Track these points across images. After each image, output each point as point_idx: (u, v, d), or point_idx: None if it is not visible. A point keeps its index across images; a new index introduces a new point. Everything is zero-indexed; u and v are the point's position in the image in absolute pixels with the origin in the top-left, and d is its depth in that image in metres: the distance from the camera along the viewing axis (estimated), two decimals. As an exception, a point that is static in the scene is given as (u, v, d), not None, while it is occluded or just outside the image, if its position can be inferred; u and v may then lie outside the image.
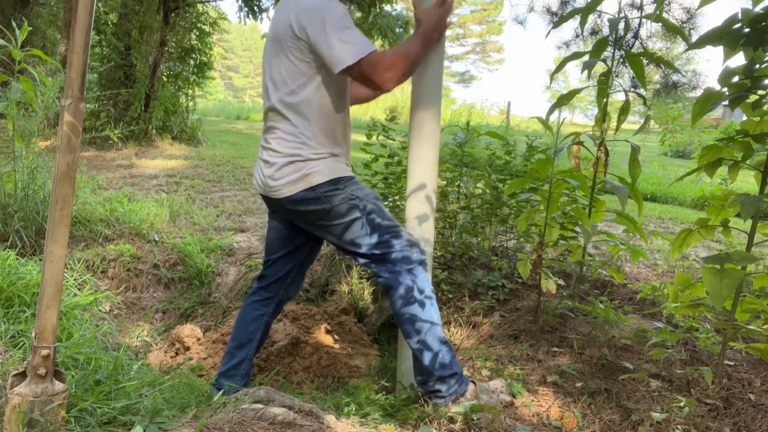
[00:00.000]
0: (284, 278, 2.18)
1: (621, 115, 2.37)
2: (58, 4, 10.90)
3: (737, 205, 1.71)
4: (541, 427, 1.69)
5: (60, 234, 1.35)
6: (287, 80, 1.88)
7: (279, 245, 2.17)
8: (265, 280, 2.19)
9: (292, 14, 1.83)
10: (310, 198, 1.89)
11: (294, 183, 1.89)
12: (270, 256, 2.19)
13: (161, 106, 8.03)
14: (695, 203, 7.02)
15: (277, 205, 2.02)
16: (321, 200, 1.89)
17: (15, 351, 1.75)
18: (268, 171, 1.95)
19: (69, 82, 1.32)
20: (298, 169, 1.88)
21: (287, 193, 1.91)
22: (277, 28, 1.89)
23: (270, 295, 2.19)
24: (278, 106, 1.91)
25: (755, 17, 1.59)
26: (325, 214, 1.91)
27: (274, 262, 2.18)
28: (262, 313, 2.17)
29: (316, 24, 1.77)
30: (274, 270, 2.18)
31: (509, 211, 3.03)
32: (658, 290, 2.53)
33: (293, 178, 1.89)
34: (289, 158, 1.89)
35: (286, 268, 2.18)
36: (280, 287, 2.19)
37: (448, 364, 1.85)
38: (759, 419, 1.69)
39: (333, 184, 1.90)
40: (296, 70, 1.86)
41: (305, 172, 1.88)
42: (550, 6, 5.00)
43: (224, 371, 2.15)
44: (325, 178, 1.89)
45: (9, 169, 3.10)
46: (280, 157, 1.91)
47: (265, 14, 9.02)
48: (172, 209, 4.11)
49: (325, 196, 1.89)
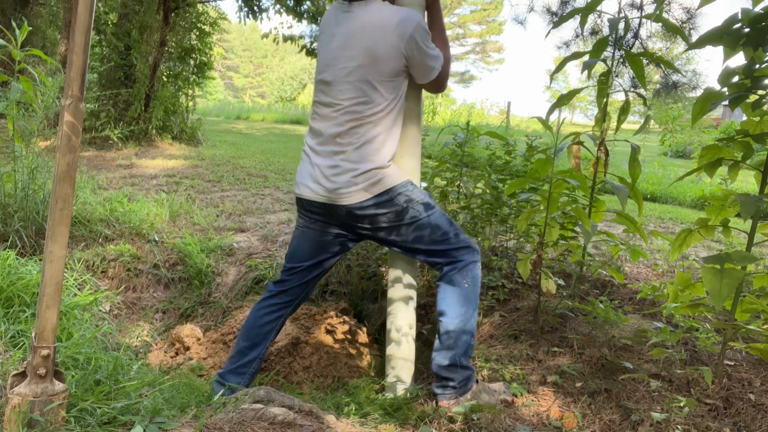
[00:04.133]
0: (307, 284, 2.22)
1: (621, 115, 2.37)
2: (58, 4, 10.89)
3: (737, 205, 1.71)
4: (541, 427, 1.69)
5: (60, 234, 1.35)
6: (375, 97, 1.95)
7: (311, 254, 2.17)
8: (285, 285, 2.20)
9: (391, 33, 1.90)
10: (384, 201, 1.98)
11: (368, 189, 1.96)
12: (297, 264, 2.19)
13: (161, 106, 8.03)
14: (695, 203, 7.02)
15: (340, 212, 2.03)
16: (394, 202, 1.99)
17: (15, 351, 1.75)
18: (341, 178, 1.97)
19: (69, 82, 1.32)
20: (373, 176, 1.96)
21: (360, 199, 1.97)
22: (367, 46, 1.92)
23: (290, 298, 2.22)
24: (357, 121, 1.96)
25: (755, 17, 1.59)
26: (395, 216, 2.00)
27: (300, 270, 2.18)
28: (280, 315, 2.21)
29: (418, 40, 1.92)
30: (298, 277, 2.19)
31: (509, 211, 3.03)
32: (658, 290, 2.53)
33: (367, 184, 1.96)
34: (367, 167, 1.95)
35: (313, 274, 2.20)
36: (301, 291, 2.22)
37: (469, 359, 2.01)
38: (759, 419, 1.69)
39: (403, 187, 2.00)
40: (388, 88, 1.96)
41: (379, 177, 1.97)
42: (550, 6, 5.00)
43: (233, 368, 2.16)
44: (397, 181, 2.00)
45: (9, 169, 3.10)
46: (358, 166, 1.96)
47: (265, 14, 9.03)
48: (172, 209, 4.11)
49: (397, 198, 1.99)
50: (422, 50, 1.94)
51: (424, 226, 2.02)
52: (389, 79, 1.94)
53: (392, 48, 1.90)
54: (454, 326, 1.98)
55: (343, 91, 1.97)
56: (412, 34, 1.90)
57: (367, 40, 1.92)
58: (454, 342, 1.97)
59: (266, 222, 4.19)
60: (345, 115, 1.97)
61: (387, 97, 1.96)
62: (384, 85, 1.94)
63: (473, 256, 2.05)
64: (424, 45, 1.94)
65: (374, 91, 1.94)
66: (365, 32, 1.93)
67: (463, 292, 2.01)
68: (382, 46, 1.90)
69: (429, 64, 1.98)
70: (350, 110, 1.96)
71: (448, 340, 1.97)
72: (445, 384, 1.95)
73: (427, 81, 2.03)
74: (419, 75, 2.00)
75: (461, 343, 1.97)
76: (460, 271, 2.02)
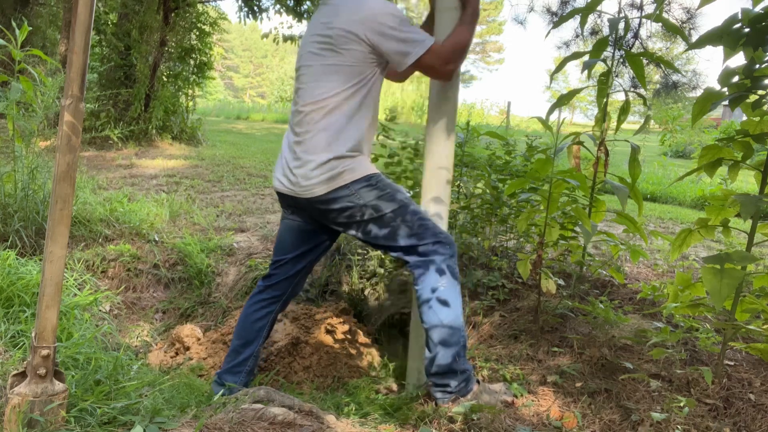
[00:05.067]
0: (294, 276, 2.20)
1: (621, 115, 2.37)
2: (58, 4, 10.89)
3: (737, 205, 1.71)
4: (541, 427, 1.69)
5: (60, 234, 1.35)
6: (335, 82, 1.91)
7: (295, 245, 2.17)
8: (273, 279, 2.20)
9: (351, 19, 1.87)
10: (344, 196, 1.92)
11: (328, 182, 1.91)
12: (282, 256, 2.19)
13: (161, 106, 8.03)
14: (695, 203, 7.02)
15: (305, 205, 2.02)
16: (356, 196, 1.92)
17: (15, 351, 1.75)
18: (300, 171, 1.95)
19: (69, 82, 1.32)
20: (332, 168, 1.90)
21: (320, 192, 1.93)
22: (329, 32, 1.91)
23: (278, 293, 2.20)
24: (319, 106, 1.93)
25: (755, 17, 1.59)
26: (359, 210, 1.94)
27: (285, 262, 2.18)
28: (270, 310, 2.20)
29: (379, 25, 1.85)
30: (284, 270, 2.18)
31: (509, 211, 3.03)
32: (658, 290, 2.53)
33: (326, 177, 1.91)
34: (326, 156, 1.91)
35: (298, 267, 2.19)
36: (288, 285, 2.21)
37: (465, 358, 1.92)
38: (759, 419, 1.69)
39: (366, 181, 1.94)
40: (349, 73, 1.91)
41: (339, 170, 1.91)
42: (550, 6, 4.99)
43: (229, 368, 2.16)
44: (360, 175, 1.93)
45: (9, 169, 3.10)
46: (317, 156, 1.92)
47: (265, 14, 9.03)
48: (172, 209, 4.11)
49: (360, 192, 1.93)
50: (388, 35, 1.86)
51: (388, 222, 1.94)
52: (348, 65, 1.89)
53: (350, 33, 1.86)
54: (438, 331, 1.89)
55: (304, 76, 1.98)
56: (372, 19, 1.85)
57: (328, 26, 1.92)
58: (441, 347, 1.88)
59: (266, 222, 4.19)
60: (304, 104, 1.97)
61: (344, 83, 1.90)
62: (342, 70, 1.90)
63: (446, 253, 1.94)
64: (392, 30, 1.86)
65: (330, 76, 1.91)
66: (330, 18, 1.93)
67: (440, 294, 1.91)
68: (339, 32, 1.88)
69: (400, 49, 1.88)
70: (307, 96, 1.96)
71: (435, 347, 1.89)
72: (444, 389, 1.89)
73: (405, 66, 1.91)
74: (394, 61, 1.92)
75: (450, 345, 1.88)
76: (428, 272, 1.93)
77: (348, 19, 1.87)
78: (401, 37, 1.88)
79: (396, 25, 1.87)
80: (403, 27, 1.88)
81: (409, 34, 1.89)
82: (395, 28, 1.87)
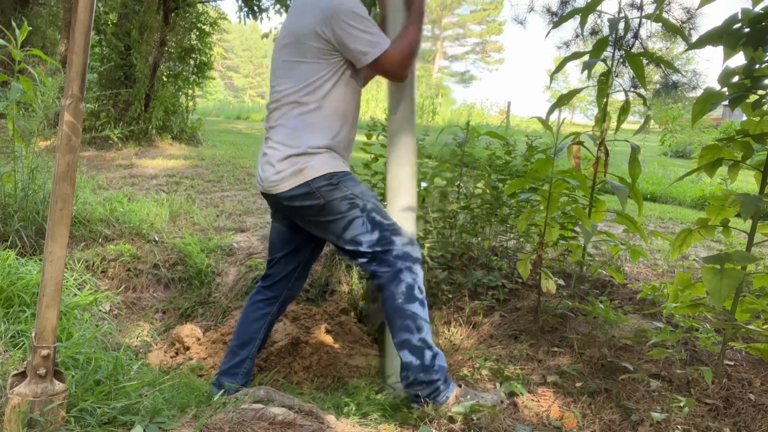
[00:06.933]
0: (288, 277, 2.19)
1: (621, 115, 2.37)
2: (58, 4, 10.89)
3: (737, 205, 1.71)
4: (541, 427, 1.69)
5: (60, 234, 1.35)
6: (295, 78, 1.91)
7: (281, 244, 2.18)
8: (269, 280, 2.20)
9: (312, 14, 1.87)
10: (305, 193, 1.90)
11: (289, 178, 1.90)
12: (273, 255, 2.20)
13: (161, 106, 8.02)
14: (695, 203, 7.02)
15: (276, 202, 2.03)
16: (315, 195, 1.90)
17: (15, 351, 1.75)
18: (268, 167, 1.96)
19: (69, 82, 1.32)
20: (294, 164, 1.89)
21: (284, 189, 1.92)
22: (293, 28, 1.92)
23: (274, 294, 2.20)
24: (282, 102, 1.94)
25: (755, 17, 1.59)
26: (320, 210, 1.91)
27: (277, 262, 2.18)
28: (266, 312, 2.19)
29: (340, 22, 1.84)
30: (277, 270, 2.18)
31: (509, 211, 3.03)
32: (658, 290, 2.53)
33: (289, 173, 1.90)
34: (287, 152, 1.90)
35: (290, 267, 2.18)
36: (284, 287, 2.20)
37: (443, 367, 1.89)
38: (759, 419, 1.69)
39: (327, 179, 1.90)
40: (308, 69, 1.90)
41: (300, 166, 1.89)
42: (550, 6, 4.99)
43: (225, 369, 2.16)
44: (320, 172, 1.89)
45: (9, 169, 3.10)
46: (279, 152, 1.92)
47: (265, 14, 9.03)
48: (172, 209, 4.11)
49: (320, 191, 1.89)
50: (347, 33, 1.84)
51: (347, 225, 1.90)
52: (311, 61, 1.89)
53: (310, 29, 1.86)
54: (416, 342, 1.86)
55: (272, 74, 2.00)
56: (332, 16, 1.83)
57: (294, 21, 1.93)
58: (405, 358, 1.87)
59: (266, 222, 4.19)
60: (270, 102, 1.99)
61: (303, 79, 1.89)
62: (305, 66, 1.89)
63: (406, 261, 1.89)
64: (351, 28, 1.84)
65: (290, 72, 1.92)
66: (297, 14, 1.94)
67: (398, 305, 1.87)
68: (302, 27, 1.89)
69: (356, 47, 1.86)
70: (275, 92, 1.97)
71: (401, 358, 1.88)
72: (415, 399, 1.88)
73: (363, 65, 1.91)
74: (352, 59, 1.90)
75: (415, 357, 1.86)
76: (392, 280, 1.88)
77: (311, 15, 1.88)
78: (361, 36, 1.86)
79: (357, 23, 1.85)
80: (364, 25, 1.86)
81: (369, 35, 1.87)
82: (356, 27, 1.85)
